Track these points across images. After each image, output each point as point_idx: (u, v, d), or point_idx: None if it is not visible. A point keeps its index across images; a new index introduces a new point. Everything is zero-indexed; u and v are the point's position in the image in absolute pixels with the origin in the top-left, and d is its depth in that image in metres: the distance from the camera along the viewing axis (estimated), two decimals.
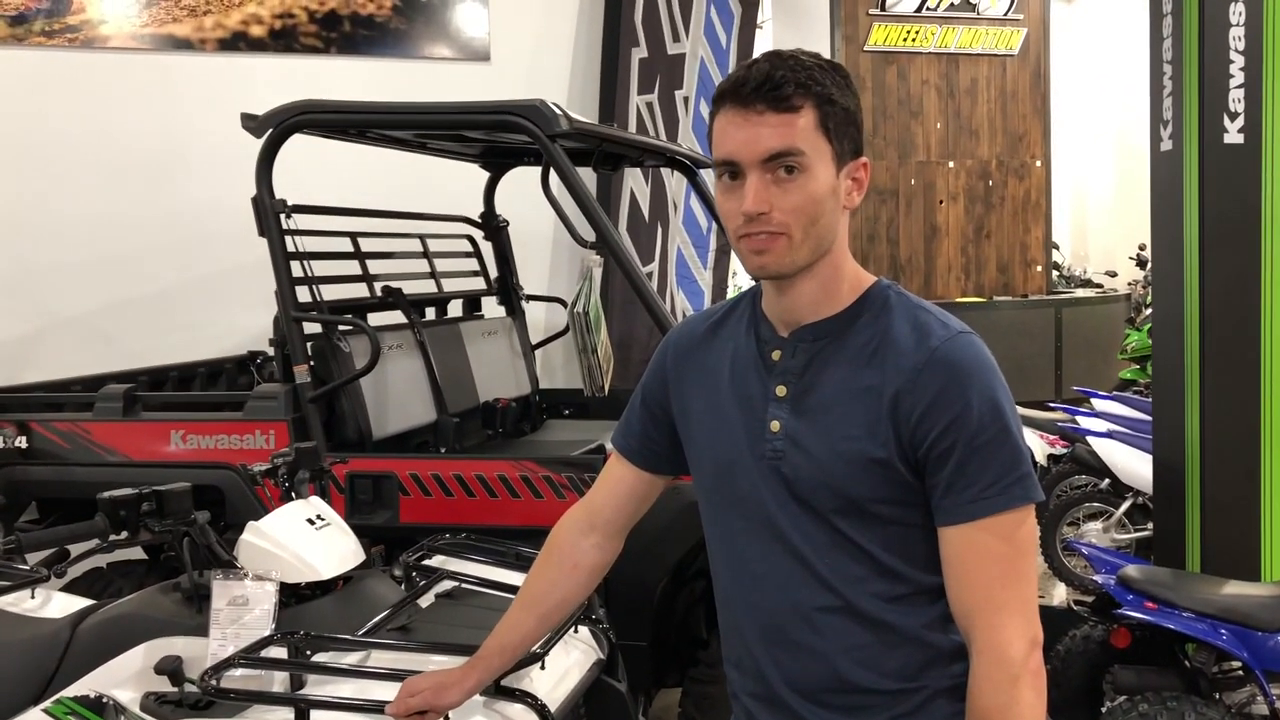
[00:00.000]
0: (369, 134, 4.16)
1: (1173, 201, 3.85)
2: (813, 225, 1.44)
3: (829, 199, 1.45)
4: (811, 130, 1.42)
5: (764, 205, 1.42)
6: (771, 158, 1.42)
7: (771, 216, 1.43)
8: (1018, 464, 1.43)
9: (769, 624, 1.54)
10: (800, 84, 1.42)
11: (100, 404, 3.93)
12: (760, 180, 1.42)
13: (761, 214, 1.42)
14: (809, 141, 1.42)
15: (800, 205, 1.43)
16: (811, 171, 1.43)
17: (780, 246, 1.44)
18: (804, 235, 1.44)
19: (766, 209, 1.42)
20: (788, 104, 1.41)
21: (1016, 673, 1.40)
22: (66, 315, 5.87)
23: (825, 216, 1.46)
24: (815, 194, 1.43)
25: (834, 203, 1.47)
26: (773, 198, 1.42)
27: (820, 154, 1.43)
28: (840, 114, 1.45)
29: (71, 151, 5.86)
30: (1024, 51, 9.93)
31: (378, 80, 6.11)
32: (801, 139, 1.42)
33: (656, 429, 1.72)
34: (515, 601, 1.85)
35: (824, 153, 1.44)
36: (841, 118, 1.45)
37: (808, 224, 1.44)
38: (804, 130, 1.42)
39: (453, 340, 4.64)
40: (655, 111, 6.83)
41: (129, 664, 2.26)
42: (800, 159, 1.42)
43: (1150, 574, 3.39)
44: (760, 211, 1.42)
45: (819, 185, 1.44)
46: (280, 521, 2.39)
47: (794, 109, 1.42)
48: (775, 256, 1.45)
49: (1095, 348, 9.32)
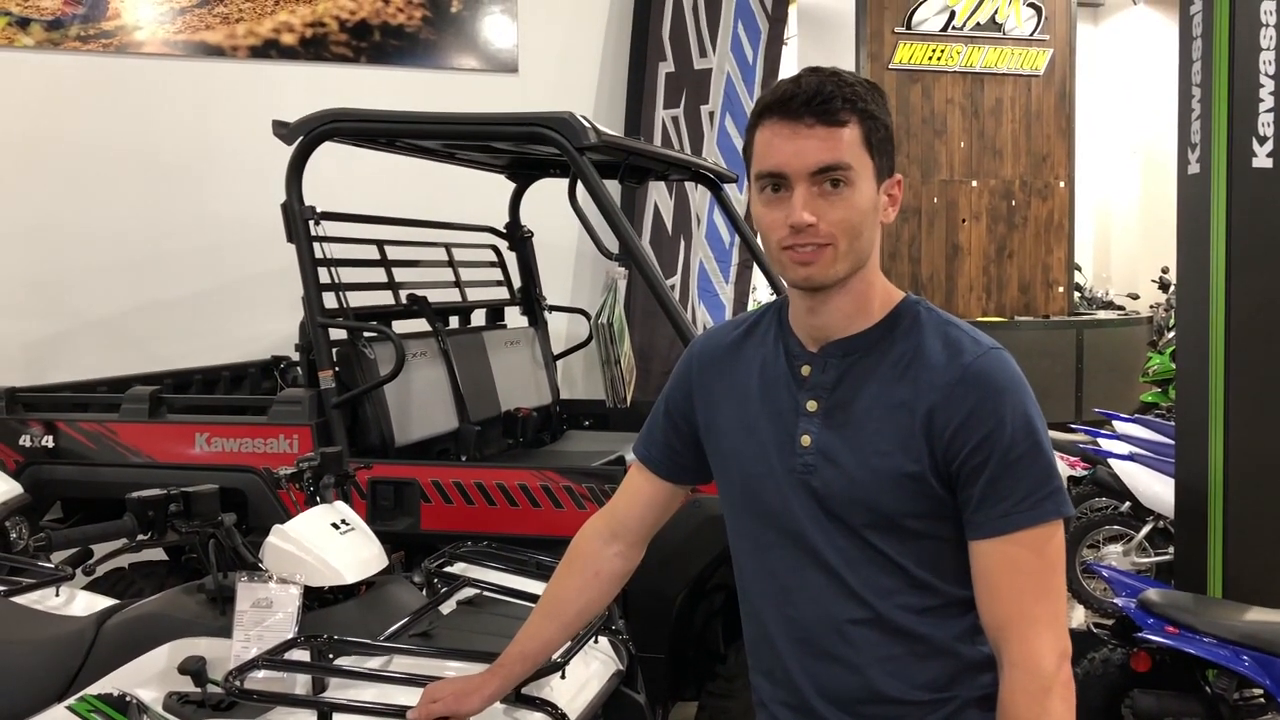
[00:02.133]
0: (398, 143, 4.19)
1: (1199, 225, 3.84)
2: (856, 238, 1.47)
3: (870, 213, 1.48)
4: (857, 145, 1.45)
5: (813, 216, 1.44)
6: (820, 171, 1.44)
7: (819, 228, 1.45)
8: (1049, 479, 1.44)
9: (801, 635, 1.55)
10: (847, 99, 1.44)
11: (126, 405, 3.96)
12: (808, 192, 1.45)
13: (809, 225, 1.44)
14: (855, 156, 1.45)
15: (846, 218, 1.45)
16: (856, 185, 1.45)
17: (826, 258, 1.46)
18: (848, 248, 1.47)
19: (815, 220, 1.45)
20: (836, 118, 1.44)
21: (1048, 685, 1.41)
22: (94, 317, 5.93)
23: (867, 230, 1.48)
24: (860, 207, 1.46)
25: (874, 217, 1.50)
26: (819, 210, 1.45)
27: (864, 169, 1.46)
28: (881, 130, 1.48)
29: (103, 156, 5.92)
30: (1049, 72, 9.93)
31: (406, 90, 6.15)
32: (849, 153, 1.44)
33: (679, 439, 1.73)
34: (536, 609, 1.86)
35: (867, 168, 1.47)
36: (883, 134, 1.48)
37: (852, 237, 1.46)
38: (850, 145, 1.45)
39: (475, 349, 4.66)
40: (680, 126, 6.85)
41: (152, 663, 2.27)
42: (847, 173, 1.44)
43: (1171, 598, 3.37)
44: (809, 223, 1.44)
45: (863, 199, 1.46)
46: (305, 525, 2.40)
47: (841, 123, 1.44)
48: (821, 268, 1.47)
49: (1116, 370, 9.29)
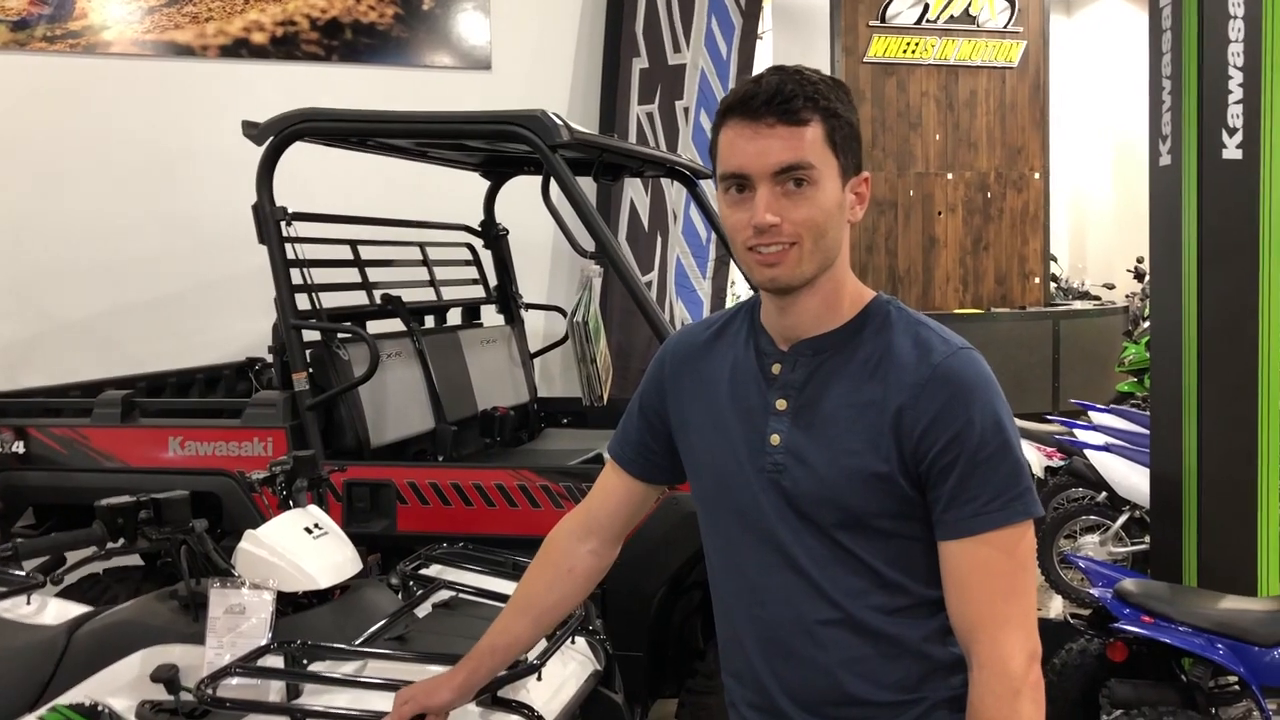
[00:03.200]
0: (370, 142, 4.16)
1: (1171, 216, 3.86)
2: (821, 238, 1.46)
3: (836, 212, 1.47)
4: (820, 144, 1.44)
5: (776, 216, 1.43)
6: (782, 170, 1.43)
7: (782, 228, 1.44)
8: (1018, 479, 1.44)
9: (769, 636, 1.54)
10: (809, 98, 1.43)
11: (98, 410, 3.92)
12: (771, 193, 1.44)
13: (773, 226, 1.43)
14: (818, 155, 1.44)
15: (810, 217, 1.44)
16: (820, 185, 1.44)
17: (791, 259, 1.45)
18: (813, 247, 1.46)
19: (778, 220, 1.43)
20: (797, 117, 1.43)
21: (1017, 686, 1.40)
22: (65, 320, 5.87)
23: (833, 230, 1.47)
24: (824, 206, 1.45)
25: (840, 216, 1.48)
26: (783, 210, 1.44)
27: (828, 167, 1.45)
28: (845, 128, 1.47)
29: (72, 157, 5.87)
30: (1023, 64, 9.97)
31: (379, 88, 6.12)
32: (811, 152, 1.43)
33: (654, 438, 1.72)
34: (508, 605, 1.86)
35: (831, 166, 1.45)
36: (846, 132, 1.47)
37: (817, 236, 1.45)
38: (813, 144, 1.43)
39: (451, 348, 4.64)
40: (655, 122, 6.84)
41: (124, 672, 2.25)
42: (810, 172, 1.43)
43: (1147, 588, 3.39)
44: (772, 224, 1.43)
45: (827, 198, 1.45)
46: (278, 530, 2.39)
47: (803, 122, 1.43)
48: (786, 269, 1.46)
49: (1092, 360, 9.34)
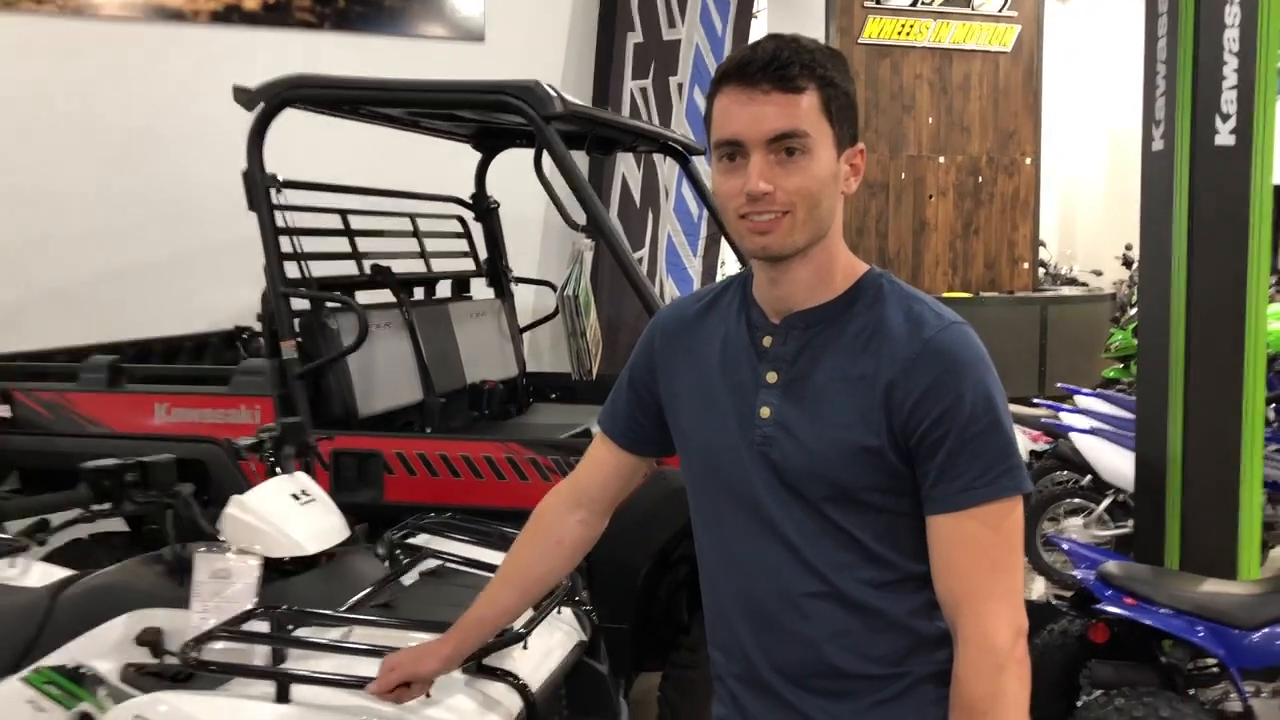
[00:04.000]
0: (361, 110, 4.13)
1: (1162, 201, 3.87)
2: (815, 208, 1.45)
3: (830, 182, 1.46)
4: (815, 112, 1.43)
5: (769, 184, 1.42)
6: (776, 138, 1.41)
7: (775, 196, 1.43)
8: (1008, 455, 1.44)
9: (755, 608, 1.54)
10: (805, 65, 1.42)
11: (85, 375, 3.90)
12: (764, 160, 1.42)
13: (765, 194, 1.42)
14: (813, 123, 1.42)
15: (803, 186, 1.43)
16: (814, 154, 1.43)
17: (783, 227, 1.44)
18: (806, 217, 1.44)
19: (771, 188, 1.42)
20: (793, 84, 1.41)
21: (1002, 661, 1.41)
22: (52, 285, 5.83)
23: (826, 200, 1.46)
24: (818, 176, 1.43)
25: (834, 187, 1.47)
26: (776, 178, 1.42)
27: (823, 137, 1.44)
28: (842, 98, 1.45)
29: (60, 121, 5.81)
30: (1017, 48, 9.95)
31: (371, 57, 6.07)
32: (806, 120, 1.42)
33: (643, 411, 1.72)
34: (496, 576, 1.86)
35: (826, 136, 1.44)
36: (843, 102, 1.46)
37: (810, 206, 1.44)
38: (808, 112, 1.42)
39: (441, 321, 4.63)
40: (649, 97, 6.81)
41: (109, 634, 2.25)
42: (804, 140, 1.42)
43: (1129, 570, 3.42)
44: (764, 191, 1.42)
45: (821, 168, 1.44)
46: (265, 496, 2.38)
47: (799, 90, 1.41)
48: (777, 237, 1.45)
49: (1079, 346, 9.37)
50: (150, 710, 1.99)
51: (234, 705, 2.00)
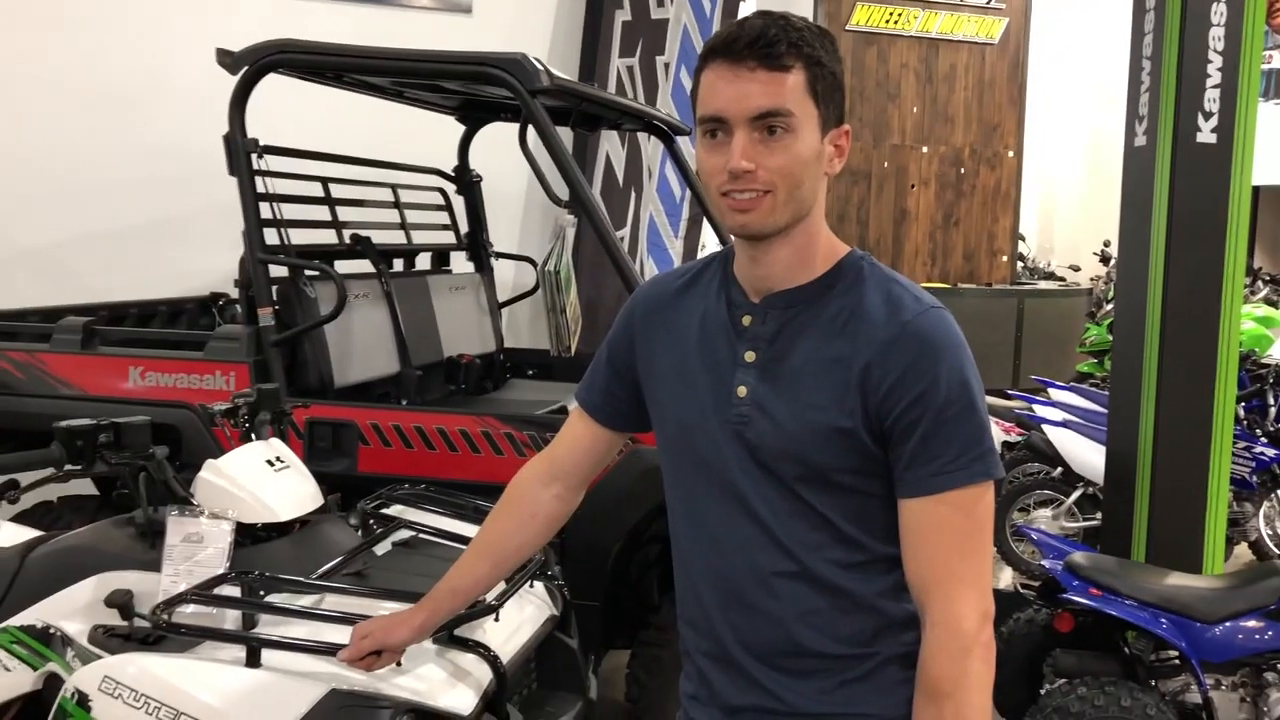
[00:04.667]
0: (346, 78, 4.10)
1: (1142, 197, 3.90)
2: (796, 187, 1.44)
3: (813, 162, 1.45)
4: (801, 91, 1.42)
5: (750, 163, 1.42)
6: (760, 116, 1.41)
7: (757, 175, 1.42)
8: (981, 440, 1.44)
9: (726, 586, 1.55)
10: (792, 44, 1.41)
11: (58, 335, 3.87)
12: (748, 138, 1.42)
13: (747, 172, 1.42)
14: (797, 102, 1.42)
15: (785, 166, 1.42)
16: (798, 133, 1.42)
17: (764, 206, 1.44)
18: (788, 196, 1.44)
19: (753, 167, 1.42)
20: (779, 62, 1.40)
21: (968, 645, 1.42)
22: (27, 245, 5.76)
23: (809, 180, 1.45)
24: (801, 155, 1.43)
25: (817, 167, 1.46)
26: (758, 156, 1.42)
27: (807, 116, 1.43)
28: (828, 78, 1.45)
29: (40, 81, 5.72)
30: (1004, 41, 9.96)
31: (357, 25, 6.01)
32: (791, 99, 1.41)
33: (620, 386, 1.72)
34: (470, 547, 1.86)
35: (811, 115, 1.43)
36: (829, 82, 1.45)
37: (792, 186, 1.44)
38: (793, 90, 1.41)
39: (419, 293, 4.61)
40: (635, 75, 6.79)
41: (78, 596, 2.25)
42: (788, 119, 1.41)
43: (1096, 561, 3.46)
44: (746, 169, 1.42)
45: (804, 147, 1.43)
46: (240, 461, 2.38)
47: (785, 68, 1.41)
48: (758, 215, 1.44)
49: (1054, 339, 9.43)
50: (119, 672, 1.99)
51: (204, 668, 2.00)
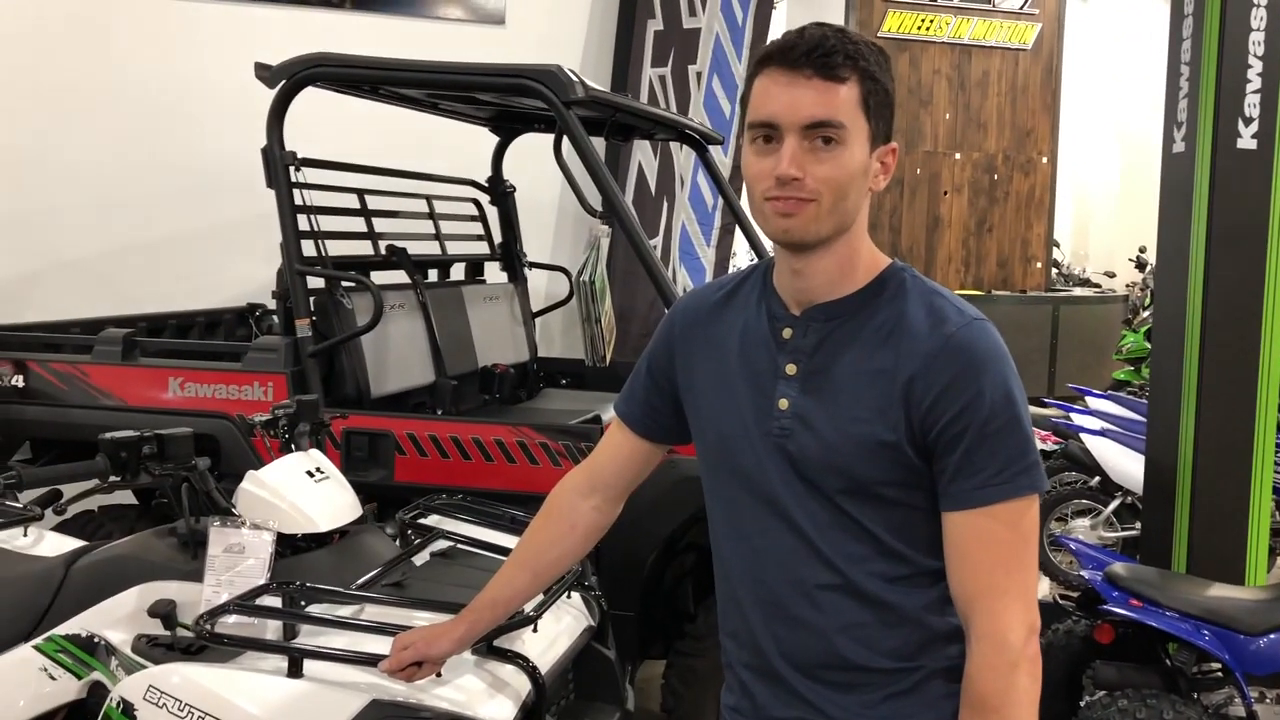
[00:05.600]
0: (381, 91, 4.13)
1: (1181, 204, 3.85)
2: (842, 199, 1.44)
3: (860, 176, 1.45)
4: (854, 104, 1.42)
5: (799, 170, 1.41)
6: (812, 125, 1.41)
7: (804, 183, 1.42)
8: (1026, 453, 1.43)
9: (768, 599, 1.54)
10: (849, 56, 1.41)
11: (99, 347, 3.91)
12: (798, 145, 1.41)
13: (795, 179, 1.41)
14: (850, 115, 1.42)
15: (832, 176, 1.42)
16: (848, 145, 1.42)
17: (808, 213, 1.43)
18: (831, 207, 1.44)
19: (801, 174, 1.41)
20: (835, 73, 1.41)
21: (1015, 659, 1.41)
22: (67, 257, 5.84)
23: (853, 193, 1.45)
24: (848, 168, 1.43)
25: (862, 181, 1.46)
26: (807, 165, 1.42)
27: (858, 130, 1.43)
28: (881, 94, 1.45)
29: (81, 93, 5.81)
30: (1037, 46, 9.90)
31: (389, 38, 6.06)
32: (844, 111, 1.41)
33: (660, 398, 1.72)
34: (510, 558, 1.86)
35: (861, 129, 1.43)
36: (881, 98, 1.45)
37: (837, 197, 1.43)
38: (846, 103, 1.41)
39: (454, 303, 4.63)
40: (668, 85, 6.80)
41: (122, 605, 2.27)
42: (840, 131, 1.41)
43: (1136, 572, 3.42)
44: (794, 177, 1.41)
45: (853, 160, 1.43)
46: (280, 472, 2.40)
47: (840, 79, 1.41)
48: (801, 221, 1.44)
49: (1090, 347, 9.34)
50: (163, 681, 2.00)
51: (247, 678, 2.01)
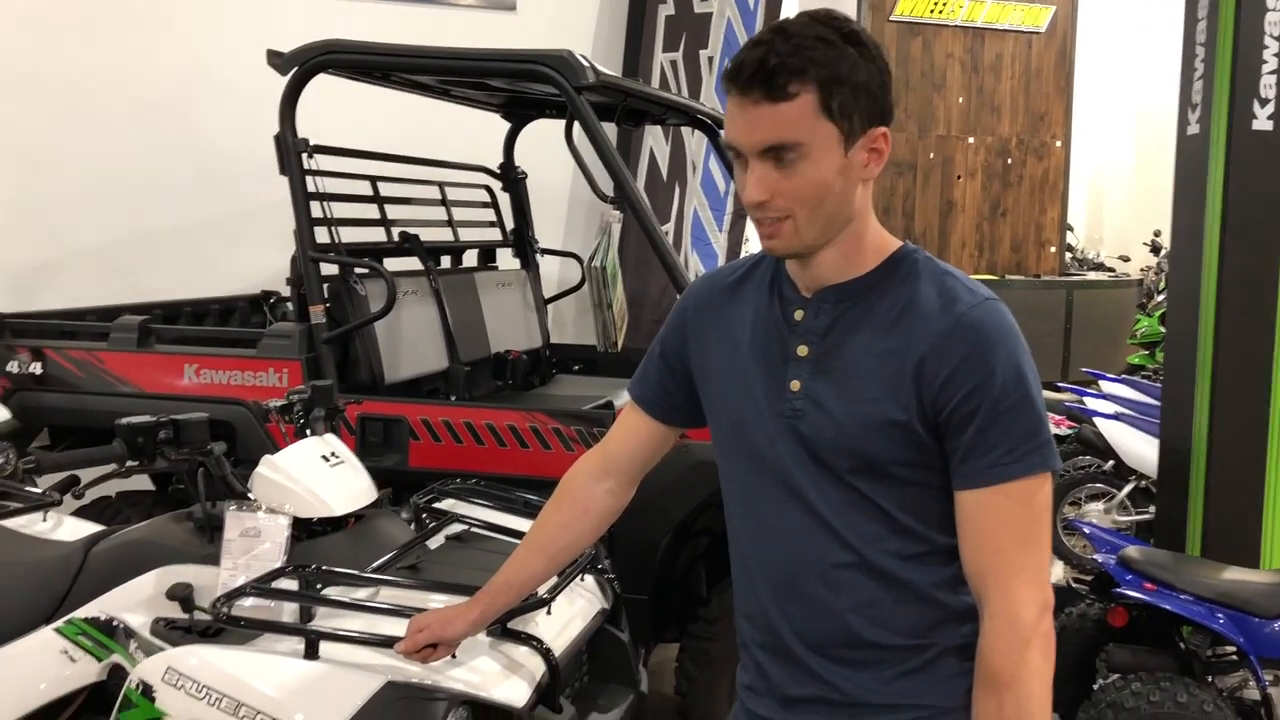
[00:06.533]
0: (393, 78, 4.14)
1: (1196, 185, 3.83)
2: (818, 208, 1.43)
3: (835, 180, 1.42)
4: (810, 116, 1.38)
5: (764, 195, 1.41)
6: (767, 149, 1.40)
7: (774, 204, 1.42)
8: (1038, 431, 1.43)
9: (783, 578, 1.55)
10: (795, 69, 1.37)
11: (115, 334, 3.94)
12: (761, 168, 1.41)
13: (762, 202, 1.42)
14: (807, 128, 1.38)
15: (800, 191, 1.41)
16: (812, 158, 1.40)
17: (786, 230, 1.44)
18: (809, 218, 1.43)
19: (766, 197, 1.42)
20: (782, 92, 1.37)
21: (1027, 636, 1.41)
22: (83, 245, 5.87)
23: (833, 197, 1.43)
24: (816, 180, 1.41)
25: (843, 181, 1.43)
26: (774, 184, 1.41)
27: (822, 138, 1.40)
28: (846, 91, 1.40)
29: (94, 81, 5.83)
30: (1051, 30, 9.85)
31: (402, 24, 6.05)
32: (798, 129, 1.38)
33: (673, 381, 1.72)
34: (523, 542, 1.87)
35: (826, 135, 1.40)
36: (848, 94, 1.40)
37: (813, 208, 1.43)
38: (800, 119, 1.38)
39: (467, 289, 4.64)
40: (679, 70, 6.78)
41: (140, 589, 2.29)
42: (797, 148, 1.39)
43: (1150, 555, 3.41)
44: (759, 200, 1.42)
45: (820, 171, 1.41)
46: (295, 456, 2.41)
47: (789, 97, 1.37)
48: (783, 240, 1.46)
49: (1104, 331, 9.32)
50: (181, 663, 2.03)
51: (263, 660, 2.03)
